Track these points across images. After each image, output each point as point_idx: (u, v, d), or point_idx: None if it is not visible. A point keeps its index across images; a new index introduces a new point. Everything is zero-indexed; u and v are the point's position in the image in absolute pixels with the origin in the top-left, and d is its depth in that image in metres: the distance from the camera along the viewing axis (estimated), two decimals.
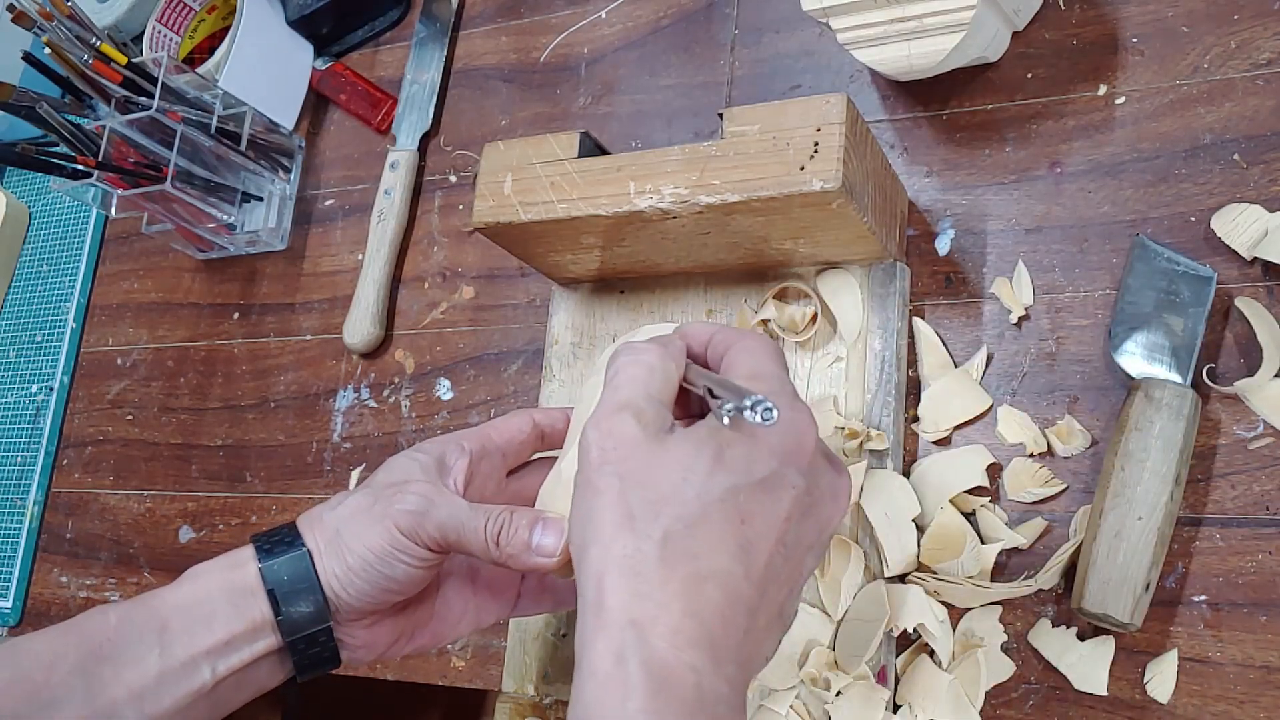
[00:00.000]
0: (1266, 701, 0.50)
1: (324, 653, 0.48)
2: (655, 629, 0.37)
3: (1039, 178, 0.63)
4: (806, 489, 0.41)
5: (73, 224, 1.01)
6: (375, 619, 0.50)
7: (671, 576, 0.37)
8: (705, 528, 0.38)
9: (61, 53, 0.78)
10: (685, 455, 0.40)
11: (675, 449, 0.40)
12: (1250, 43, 0.59)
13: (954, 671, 0.55)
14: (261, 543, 0.48)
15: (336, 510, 0.49)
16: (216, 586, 0.47)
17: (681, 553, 0.38)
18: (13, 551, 0.91)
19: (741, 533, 0.39)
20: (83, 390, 0.94)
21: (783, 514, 0.40)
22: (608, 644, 0.37)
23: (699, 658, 0.37)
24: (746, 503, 0.39)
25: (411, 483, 0.48)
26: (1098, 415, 0.57)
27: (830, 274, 0.63)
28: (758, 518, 0.39)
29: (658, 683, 0.36)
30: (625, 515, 0.39)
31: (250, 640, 0.47)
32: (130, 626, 0.46)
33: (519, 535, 0.46)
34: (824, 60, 0.71)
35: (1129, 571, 0.51)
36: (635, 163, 0.58)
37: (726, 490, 0.39)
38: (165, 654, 0.46)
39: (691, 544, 0.38)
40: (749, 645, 0.39)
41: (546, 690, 0.64)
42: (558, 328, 0.71)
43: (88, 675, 0.45)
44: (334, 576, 0.47)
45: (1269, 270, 0.56)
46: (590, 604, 0.38)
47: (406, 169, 0.83)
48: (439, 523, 0.46)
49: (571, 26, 0.82)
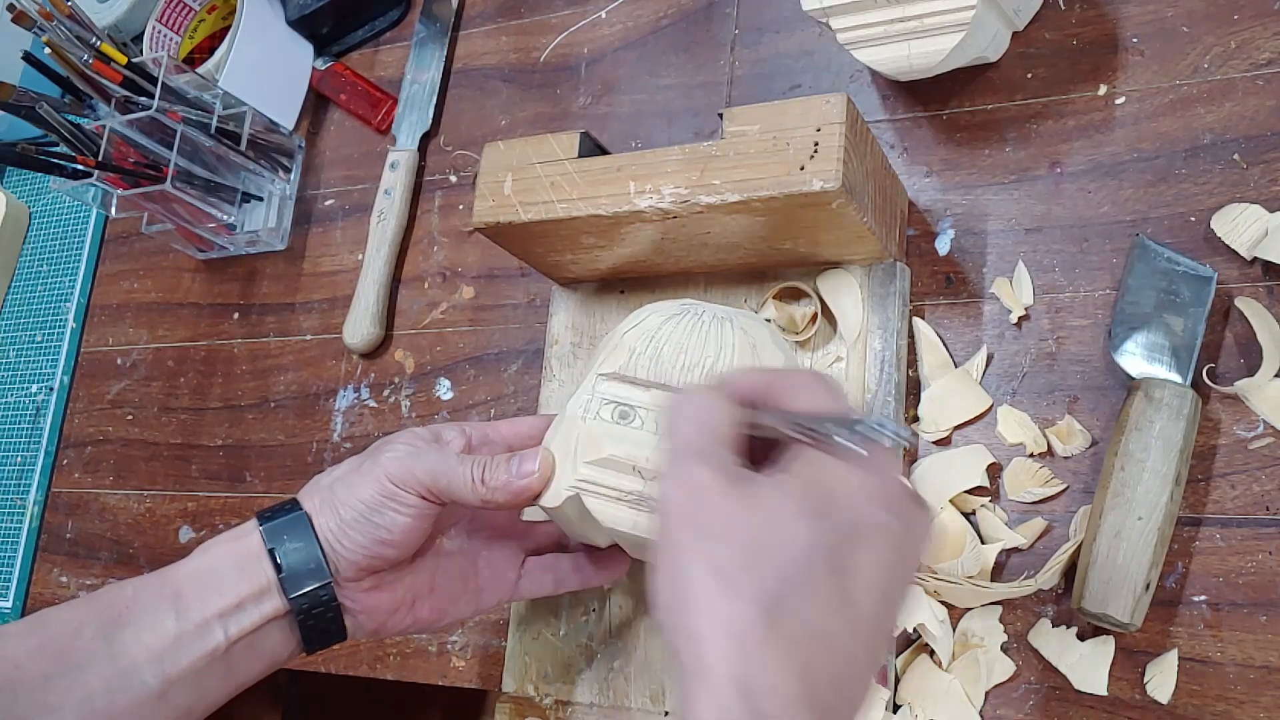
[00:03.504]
0: (1266, 701, 0.50)
1: (327, 613, 0.50)
2: (763, 694, 0.35)
3: (1039, 178, 0.63)
4: (901, 532, 0.38)
5: (73, 224, 1.01)
6: (375, 581, 0.51)
7: (775, 638, 0.35)
8: (805, 583, 0.36)
9: (61, 53, 0.78)
10: (772, 504, 0.38)
11: (760, 497, 0.38)
12: (1250, 43, 0.59)
13: (954, 671, 0.55)
14: (264, 513, 0.51)
15: (331, 473, 0.52)
16: (224, 555, 0.50)
17: (783, 611, 0.36)
18: (13, 551, 0.91)
19: (843, 586, 0.37)
20: (83, 390, 0.94)
21: (883, 562, 0.37)
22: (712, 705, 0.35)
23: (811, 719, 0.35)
24: (846, 553, 0.37)
25: (398, 438, 0.52)
26: (1098, 415, 0.57)
27: (830, 274, 0.63)
28: (858, 568, 0.37)
29: None
30: (718, 574, 0.36)
31: (258, 602, 0.49)
32: (147, 594, 0.49)
33: (499, 468, 0.49)
34: (824, 60, 0.71)
35: (1129, 571, 0.51)
36: (635, 163, 0.58)
37: (823, 541, 0.37)
38: (181, 617, 0.48)
39: (793, 601, 0.36)
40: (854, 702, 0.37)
41: (546, 690, 0.64)
42: (558, 328, 0.71)
43: (109, 640, 0.48)
44: (329, 531, 0.50)
45: (1269, 270, 0.56)
46: (690, 667, 0.36)
47: (406, 169, 0.83)
48: (427, 468, 0.49)
49: (571, 26, 0.82)
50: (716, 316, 0.55)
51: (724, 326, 0.54)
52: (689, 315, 0.54)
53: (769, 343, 0.54)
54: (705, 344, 0.53)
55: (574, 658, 0.63)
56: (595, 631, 0.63)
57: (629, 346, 0.54)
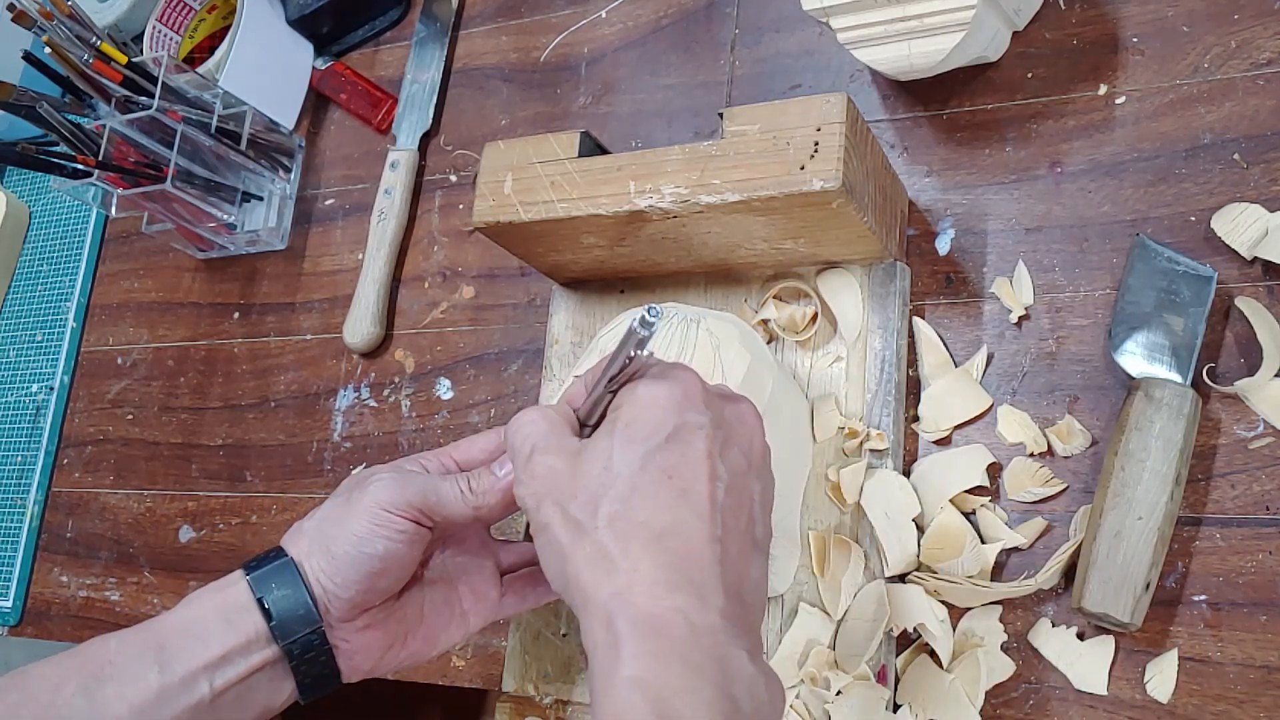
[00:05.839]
0: (1266, 701, 0.50)
1: (320, 656, 0.50)
2: (632, 592, 0.40)
3: (1039, 177, 0.62)
4: (713, 424, 0.44)
5: (73, 224, 1.01)
6: (368, 620, 0.51)
7: (630, 547, 0.41)
8: (639, 496, 0.42)
9: (62, 52, 0.78)
10: (596, 451, 0.43)
11: (586, 453, 0.44)
12: (1250, 42, 0.59)
13: (954, 671, 0.55)
14: (249, 563, 0.51)
15: (314, 515, 0.52)
16: (209, 607, 0.50)
17: (630, 524, 0.41)
18: (13, 551, 0.91)
19: (673, 485, 0.42)
20: (83, 390, 0.94)
21: (702, 453, 0.43)
22: (595, 619, 0.40)
23: (682, 599, 0.39)
24: (665, 459, 0.42)
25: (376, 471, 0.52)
26: (1098, 415, 0.57)
27: (830, 274, 0.63)
28: (681, 466, 0.42)
29: (646, 630, 0.39)
30: (574, 526, 0.42)
31: (246, 653, 0.49)
32: (129, 649, 0.48)
33: (483, 476, 0.51)
34: (824, 60, 0.71)
35: (1129, 571, 0.51)
36: (635, 162, 0.58)
37: (642, 457, 0.42)
38: (164, 671, 0.47)
39: (635, 514, 0.41)
40: (729, 574, 0.41)
41: (546, 690, 0.64)
42: (558, 327, 0.71)
43: (91, 695, 0.47)
44: (321, 572, 0.49)
45: (1269, 270, 0.56)
46: (580, 609, 0.41)
47: (407, 168, 0.83)
48: (417, 489, 0.50)
49: (572, 26, 0.82)
50: (686, 319, 0.57)
51: (690, 328, 0.57)
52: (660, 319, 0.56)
53: (735, 341, 0.56)
54: (669, 346, 0.56)
55: (574, 657, 0.63)
56: None
57: (601, 349, 0.57)
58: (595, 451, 0.43)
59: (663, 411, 0.43)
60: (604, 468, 0.42)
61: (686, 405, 0.44)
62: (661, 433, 0.43)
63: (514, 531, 0.67)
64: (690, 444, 0.43)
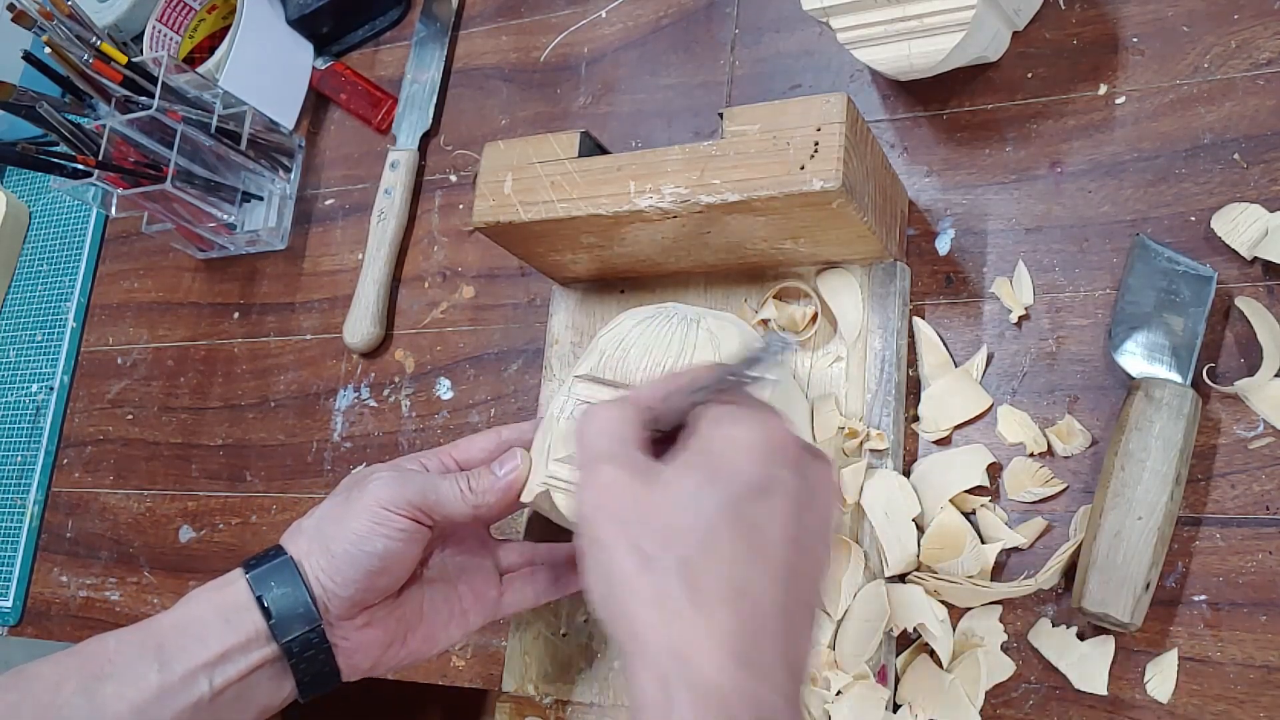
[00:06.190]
0: (1266, 701, 0.50)
1: (319, 655, 0.50)
2: (697, 655, 0.37)
3: (1039, 177, 0.62)
4: (800, 482, 0.41)
5: (73, 224, 1.01)
6: (367, 618, 0.51)
7: (700, 600, 0.38)
8: (717, 545, 0.39)
9: (62, 52, 0.78)
10: (676, 483, 0.40)
11: (664, 480, 0.41)
12: (1250, 42, 0.59)
13: (954, 671, 0.55)
14: (249, 561, 0.51)
15: (313, 515, 0.52)
16: (208, 606, 0.50)
17: (701, 574, 0.38)
18: (13, 551, 0.91)
19: (752, 541, 0.39)
20: (83, 390, 0.94)
21: (789, 514, 0.40)
22: (648, 671, 0.37)
23: (748, 678, 0.37)
24: (749, 511, 0.40)
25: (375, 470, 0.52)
26: (1098, 415, 0.57)
27: (830, 274, 0.63)
28: (764, 522, 0.40)
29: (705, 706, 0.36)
30: (638, 556, 0.39)
31: (245, 652, 0.49)
32: (129, 647, 0.49)
33: (483, 475, 0.51)
34: (824, 60, 0.71)
35: (1129, 571, 0.51)
36: (635, 162, 0.58)
37: (725, 504, 0.39)
38: (164, 670, 0.47)
39: (711, 563, 0.39)
40: (791, 649, 0.39)
41: (546, 690, 0.64)
42: (558, 327, 0.71)
43: (90, 694, 0.47)
44: (320, 570, 0.49)
45: (1269, 270, 0.56)
46: (628, 647, 0.39)
47: (406, 168, 0.83)
48: (417, 488, 0.50)
49: (572, 26, 0.82)
50: (685, 319, 0.57)
51: (690, 328, 0.57)
52: (659, 318, 0.57)
53: (735, 341, 0.56)
54: (669, 345, 0.56)
55: (574, 658, 0.63)
56: (595, 631, 0.63)
57: (600, 349, 0.57)
58: (675, 482, 0.41)
59: (755, 459, 0.41)
60: (684, 505, 0.40)
61: (778, 458, 0.41)
62: (751, 483, 0.40)
63: (514, 531, 0.67)
64: (776, 499, 0.40)
